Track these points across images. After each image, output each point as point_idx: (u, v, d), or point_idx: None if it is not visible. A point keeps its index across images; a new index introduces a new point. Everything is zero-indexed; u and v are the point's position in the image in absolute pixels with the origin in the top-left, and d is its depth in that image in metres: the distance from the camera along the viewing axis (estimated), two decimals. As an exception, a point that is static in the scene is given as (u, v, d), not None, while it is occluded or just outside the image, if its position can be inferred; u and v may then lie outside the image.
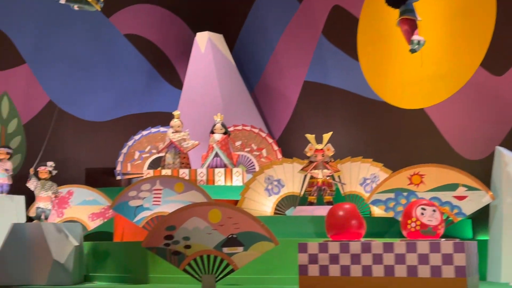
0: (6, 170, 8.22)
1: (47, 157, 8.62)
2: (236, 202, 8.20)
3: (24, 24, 10.75)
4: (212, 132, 9.42)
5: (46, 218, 7.44)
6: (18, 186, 8.37)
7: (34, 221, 7.39)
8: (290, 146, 10.26)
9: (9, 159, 8.34)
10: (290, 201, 8.26)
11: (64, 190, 8.61)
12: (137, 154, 10.34)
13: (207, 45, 11.06)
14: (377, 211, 7.72)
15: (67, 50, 11.12)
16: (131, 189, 7.86)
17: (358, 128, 10.03)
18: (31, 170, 7.52)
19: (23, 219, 8.14)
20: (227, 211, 6.12)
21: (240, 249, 5.99)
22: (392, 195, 7.17)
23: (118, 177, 10.28)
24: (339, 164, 8.11)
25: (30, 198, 8.22)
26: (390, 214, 7.20)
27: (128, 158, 10.33)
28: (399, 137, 9.62)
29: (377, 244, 5.27)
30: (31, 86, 10.84)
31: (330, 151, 7.93)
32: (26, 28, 10.76)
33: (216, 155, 9.28)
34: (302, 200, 8.03)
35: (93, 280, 7.44)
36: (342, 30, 10.35)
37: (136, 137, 10.39)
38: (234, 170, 9.09)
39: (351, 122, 10.15)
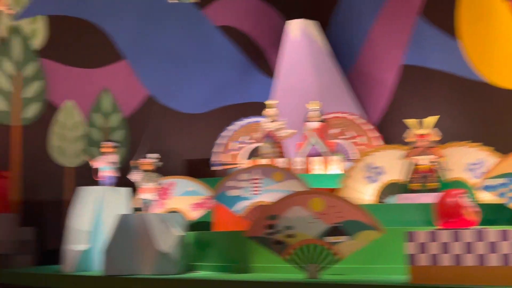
0: (111, 163, 8.44)
1: (148, 149, 8.83)
2: (335, 191, 8.05)
3: (122, 19, 11.05)
4: (308, 120, 9.31)
5: (151, 209, 7.60)
6: (123, 178, 8.60)
7: (139, 212, 7.57)
8: (389, 132, 9.99)
9: (113, 152, 8.57)
10: (391, 189, 8.02)
11: (166, 181, 8.77)
12: (233, 145, 10.42)
13: (299, 32, 10.95)
14: (484, 198, 7.34)
15: (163, 44, 11.34)
16: (230, 179, 7.91)
17: (461, 111, 9.63)
18: (135, 162, 7.69)
19: (128, 211, 8.34)
20: (329, 199, 6.02)
21: (344, 238, 5.87)
22: (504, 181, 6.79)
23: (215, 168, 10.40)
24: (443, 149, 7.78)
25: (135, 190, 8.43)
26: (503, 200, 6.82)
27: (225, 149, 10.43)
28: (506, 119, 9.14)
29: (491, 232, 4.99)
30: (131, 81, 11.14)
31: (434, 136, 7.61)
32: (123, 23, 11.06)
33: (313, 143, 9.17)
34: (405, 188, 7.77)
35: (197, 270, 7.54)
36: (440, 9, 9.94)
37: (232, 127, 10.47)
38: (332, 158, 8.95)
39: (453, 105, 9.75)
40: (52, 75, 10.39)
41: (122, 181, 8.49)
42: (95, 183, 8.46)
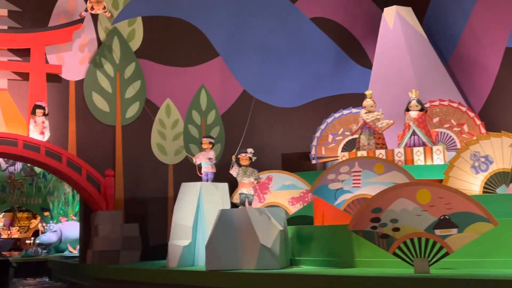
0: (210, 159, 8.53)
1: (245, 144, 8.86)
2: (439, 181, 7.75)
3: (215, 16, 11.14)
4: (408, 110, 9.00)
5: (250, 204, 7.60)
6: (220, 173, 8.68)
7: (240, 207, 7.58)
8: (494, 119, 9.52)
9: (211, 148, 8.66)
10: (501, 178, 7.63)
11: (263, 175, 8.77)
12: (330, 137, 10.28)
13: (395, 20, 10.63)
14: None
15: (257, 39, 11.35)
16: (330, 172, 7.78)
17: None
18: (233, 158, 7.73)
19: (227, 206, 8.41)
20: (437, 190, 5.77)
21: (455, 231, 5.62)
22: None
23: (313, 161, 10.30)
24: (557, 135, 7.31)
25: (232, 185, 8.49)
26: None
27: (322, 142, 10.31)
28: None
29: None
30: (226, 78, 11.22)
31: (547, 121, 7.15)
32: (217, 21, 11.15)
33: (413, 133, 8.87)
34: (516, 177, 7.37)
35: (299, 264, 7.47)
36: (548, -13, 9.34)
37: (329, 120, 10.34)
38: (434, 148, 8.61)
39: None
40: (150, 75, 10.63)
41: (223, 176, 8.57)
42: (194, 179, 8.59)
